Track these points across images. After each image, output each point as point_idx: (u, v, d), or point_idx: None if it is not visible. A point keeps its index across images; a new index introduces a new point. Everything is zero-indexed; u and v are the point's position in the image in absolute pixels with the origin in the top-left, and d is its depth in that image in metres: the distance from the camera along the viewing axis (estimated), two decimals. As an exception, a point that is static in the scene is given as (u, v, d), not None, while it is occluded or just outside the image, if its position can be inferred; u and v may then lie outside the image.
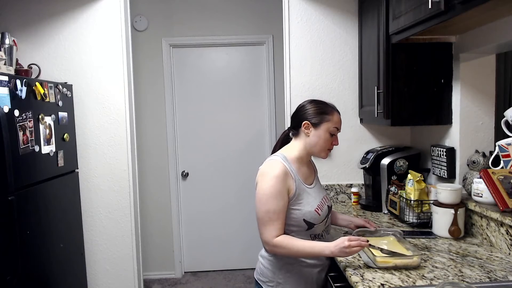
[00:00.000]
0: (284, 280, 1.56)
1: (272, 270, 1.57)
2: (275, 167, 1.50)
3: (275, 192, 1.46)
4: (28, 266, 2.02)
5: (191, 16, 3.49)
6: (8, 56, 2.30)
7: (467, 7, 1.36)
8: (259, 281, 1.62)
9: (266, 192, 1.47)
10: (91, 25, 2.61)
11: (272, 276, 1.57)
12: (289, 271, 1.56)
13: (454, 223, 1.79)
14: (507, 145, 1.72)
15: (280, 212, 1.47)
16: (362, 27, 2.46)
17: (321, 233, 1.60)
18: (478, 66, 1.99)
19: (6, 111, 1.87)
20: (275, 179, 1.47)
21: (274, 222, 1.47)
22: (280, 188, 1.47)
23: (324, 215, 1.59)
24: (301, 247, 1.46)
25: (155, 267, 3.66)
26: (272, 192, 1.46)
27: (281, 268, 1.55)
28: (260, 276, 1.62)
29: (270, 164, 1.54)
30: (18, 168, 1.95)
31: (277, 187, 1.47)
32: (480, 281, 1.36)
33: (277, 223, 1.47)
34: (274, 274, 1.57)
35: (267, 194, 1.47)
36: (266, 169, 1.52)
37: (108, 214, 2.70)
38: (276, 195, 1.46)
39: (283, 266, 1.55)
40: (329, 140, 1.57)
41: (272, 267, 1.57)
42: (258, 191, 1.50)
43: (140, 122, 3.42)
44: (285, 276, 1.56)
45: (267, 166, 1.54)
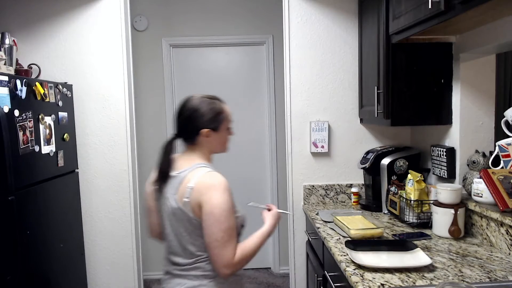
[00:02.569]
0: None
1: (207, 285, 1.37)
2: (220, 179, 1.34)
3: (231, 206, 1.32)
4: (28, 266, 2.02)
5: (191, 16, 3.49)
6: (8, 56, 2.30)
7: (467, 7, 1.36)
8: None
9: (224, 208, 1.29)
10: (91, 25, 2.61)
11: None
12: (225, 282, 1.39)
13: (454, 223, 1.79)
14: (507, 145, 1.72)
15: (235, 227, 1.33)
16: (362, 27, 2.46)
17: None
18: (478, 66, 1.99)
19: (6, 111, 1.87)
20: (227, 191, 1.32)
21: (233, 239, 1.31)
22: (233, 201, 1.34)
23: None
24: (255, 245, 1.36)
25: (155, 267, 3.65)
26: (230, 207, 1.31)
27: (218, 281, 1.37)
28: None
29: (212, 175, 1.35)
30: (18, 168, 1.95)
31: (231, 201, 1.32)
32: (480, 281, 1.37)
33: (235, 239, 1.32)
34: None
35: (226, 210, 1.29)
36: (212, 182, 1.32)
37: (108, 214, 2.70)
38: (232, 210, 1.32)
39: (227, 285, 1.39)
40: (229, 135, 1.50)
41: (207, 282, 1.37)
42: (214, 209, 1.28)
43: (140, 122, 3.41)
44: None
45: (209, 178, 1.34)
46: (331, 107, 2.58)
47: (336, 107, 2.59)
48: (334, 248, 1.74)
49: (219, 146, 1.48)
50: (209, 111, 1.42)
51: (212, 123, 1.42)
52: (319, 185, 2.60)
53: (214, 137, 1.44)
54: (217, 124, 1.43)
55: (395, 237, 1.84)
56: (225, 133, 1.48)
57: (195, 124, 1.41)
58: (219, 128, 1.44)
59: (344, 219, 1.99)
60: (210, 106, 1.43)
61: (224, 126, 1.46)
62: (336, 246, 1.77)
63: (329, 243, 1.82)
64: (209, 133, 1.42)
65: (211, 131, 1.42)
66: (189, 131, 1.43)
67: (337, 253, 1.67)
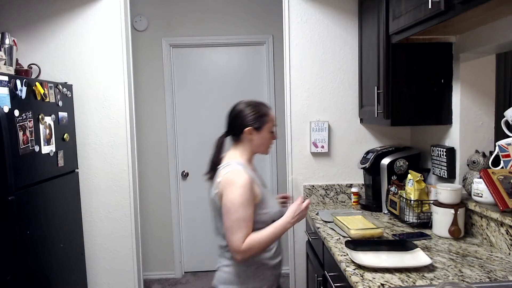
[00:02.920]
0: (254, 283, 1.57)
1: (241, 276, 1.57)
2: (240, 176, 1.50)
3: (244, 200, 1.47)
4: (28, 266, 2.02)
5: (191, 16, 3.49)
6: (8, 56, 2.30)
7: (467, 7, 1.36)
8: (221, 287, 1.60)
9: (235, 202, 1.47)
10: (91, 25, 2.61)
11: (237, 281, 1.57)
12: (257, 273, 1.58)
13: (454, 223, 1.79)
14: (507, 145, 1.72)
15: (248, 220, 1.48)
16: (362, 27, 2.46)
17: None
18: (478, 66, 1.99)
19: (6, 111, 1.87)
20: (243, 188, 1.48)
21: (243, 230, 1.47)
22: (248, 196, 1.48)
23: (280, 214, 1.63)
24: (266, 237, 1.50)
25: (155, 267, 3.66)
26: (242, 202, 1.47)
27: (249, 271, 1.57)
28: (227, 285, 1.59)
29: (234, 172, 1.52)
30: (18, 168, 1.95)
31: (245, 195, 1.48)
32: (480, 281, 1.36)
33: (245, 230, 1.47)
34: (244, 279, 1.57)
35: (237, 204, 1.47)
36: (232, 178, 1.51)
37: (108, 214, 2.70)
38: (245, 204, 1.47)
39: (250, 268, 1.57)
40: (271, 137, 1.66)
41: (240, 272, 1.57)
42: (227, 201, 1.49)
43: (140, 122, 3.41)
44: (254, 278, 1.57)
45: (231, 174, 1.52)
46: (331, 107, 2.58)
47: (336, 107, 2.59)
48: (334, 248, 1.74)
49: (261, 146, 1.64)
50: (254, 112, 1.61)
51: (256, 122, 1.60)
52: (319, 185, 2.60)
53: (256, 136, 1.61)
54: (260, 124, 1.60)
55: (395, 237, 1.84)
56: (267, 135, 1.63)
57: (240, 122, 1.61)
58: (261, 129, 1.61)
59: (344, 219, 1.99)
60: (255, 108, 1.62)
61: (267, 128, 1.62)
62: (336, 246, 1.77)
63: (329, 243, 1.82)
64: (252, 132, 1.60)
65: (254, 130, 1.60)
66: (235, 128, 1.63)
67: (337, 253, 1.67)
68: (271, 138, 1.66)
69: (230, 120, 1.66)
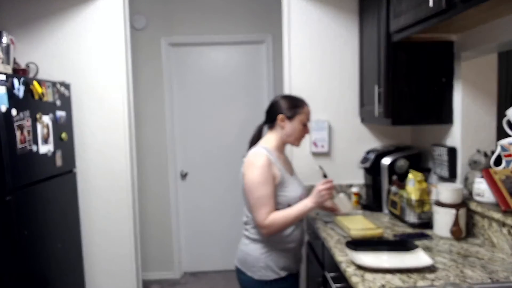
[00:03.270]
0: (265, 263, 1.70)
1: (254, 256, 1.71)
2: (259, 157, 1.66)
3: (263, 179, 1.62)
4: (26, 267, 2.01)
5: (190, 15, 3.48)
6: (6, 55, 2.28)
7: (468, 6, 1.35)
8: (242, 268, 1.76)
9: (255, 181, 1.63)
10: (90, 23, 2.60)
11: (254, 262, 1.71)
12: (270, 255, 1.70)
13: (455, 223, 1.77)
14: (509, 145, 1.71)
15: (269, 197, 1.62)
16: (363, 26, 2.45)
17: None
18: (480, 65, 1.97)
19: (3, 110, 1.86)
20: (261, 168, 1.63)
21: (264, 206, 1.61)
22: (267, 175, 1.63)
23: None
24: (288, 215, 1.64)
25: (154, 267, 3.64)
26: (261, 180, 1.62)
27: (262, 252, 1.70)
28: (243, 264, 1.75)
29: (255, 155, 1.69)
30: (16, 168, 1.94)
31: (264, 175, 1.62)
32: (481, 282, 1.35)
33: (267, 207, 1.61)
34: (256, 259, 1.71)
35: (256, 182, 1.62)
36: (252, 160, 1.68)
37: (107, 214, 2.69)
38: (264, 182, 1.62)
39: (262, 250, 1.70)
40: (302, 130, 1.77)
41: (253, 252, 1.71)
42: (247, 181, 1.65)
43: (139, 122, 3.40)
44: (266, 259, 1.70)
45: (252, 157, 1.69)
46: (331, 106, 2.57)
47: (336, 107, 2.57)
48: (334, 248, 1.73)
49: (291, 136, 1.76)
50: (288, 103, 1.76)
51: (288, 112, 1.74)
52: (319, 185, 2.58)
53: (288, 124, 1.74)
54: (293, 114, 1.74)
55: (395, 238, 1.83)
56: (299, 126, 1.75)
57: (275, 110, 1.77)
58: (293, 118, 1.74)
59: (344, 219, 1.98)
60: (290, 100, 1.78)
61: (299, 119, 1.75)
62: (336, 246, 1.76)
63: (329, 244, 1.81)
64: (284, 119, 1.74)
65: (286, 118, 1.74)
66: (270, 116, 1.79)
67: (337, 254, 1.66)
68: (302, 131, 1.77)
69: (267, 109, 1.82)
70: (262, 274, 1.70)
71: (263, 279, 1.70)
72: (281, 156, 1.79)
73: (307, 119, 1.78)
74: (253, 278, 1.71)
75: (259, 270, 1.70)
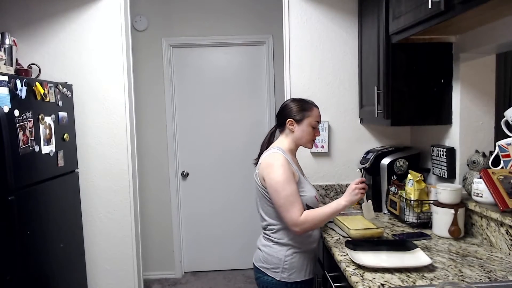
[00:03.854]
0: (290, 265, 1.68)
1: (277, 257, 1.69)
2: (278, 157, 1.66)
3: (287, 178, 1.62)
4: (28, 266, 2.02)
5: (191, 16, 3.49)
6: (8, 56, 2.30)
7: (467, 7, 1.35)
8: (262, 268, 1.73)
9: (279, 180, 1.61)
10: (91, 25, 2.61)
11: (277, 263, 1.69)
12: (294, 257, 1.69)
13: (454, 223, 1.79)
14: (507, 145, 1.72)
15: (296, 194, 1.62)
16: (362, 27, 2.46)
17: None
18: (478, 66, 1.98)
19: (6, 111, 1.87)
20: (282, 167, 1.63)
21: (294, 203, 1.60)
22: (289, 174, 1.63)
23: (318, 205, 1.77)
24: (323, 213, 1.62)
25: (155, 267, 3.66)
26: (285, 179, 1.61)
27: (286, 254, 1.69)
28: (263, 264, 1.73)
29: (273, 155, 1.69)
30: (18, 168, 1.95)
31: (286, 173, 1.62)
32: (480, 281, 1.36)
33: (297, 204, 1.61)
34: (279, 260, 1.69)
35: (282, 181, 1.61)
36: (271, 161, 1.67)
37: (108, 214, 2.70)
38: (288, 180, 1.62)
39: (287, 251, 1.69)
40: (312, 132, 1.77)
41: (277, 253, 1.69)
42: (272, 182, 1.63)
43: (140, 122, 3.41)
44: (290, 261, 1.69)
45: (270, 158, 1.69)
46: (331, 107, 2.58)
47: (336, 107, 2.58)
48: (334, 248, 1.74)
49: (302, 138, 1.77)
50: (297, 106, 1.77)
51: (297, 115, 1.75)
52: (319, 185, 2.59)
53: (297, 128, 1.76)
54: (301, 117, 1.75)
55: (395, 237, 1.84)
56: (308, 128, 1.75)
57: (284, 114, 1.78)
58: (302, 121, 1.75)
59: (344, 219, 1.99)
60: (299, 103, 1.78)
61: (307, 122, 1.75)
62: (336, 246, 1.77)
63: (329, 243, 1.82)
64: (293, 123, 1.76)
65: (295, 121, 1.75)
66: (280, 120, 1.81)
67: (337, 253, 1.67)
68: (312, 133, 1.77)
69: (277, 113, 1.85)
70: (285, 276, 1.69)
71: (285, 280, 1.69)
72: (294, 159, 1.80)
73: (317, 122, 1.78)
74: (274, 279, 1.69)
75: (282, 272, 1.68)
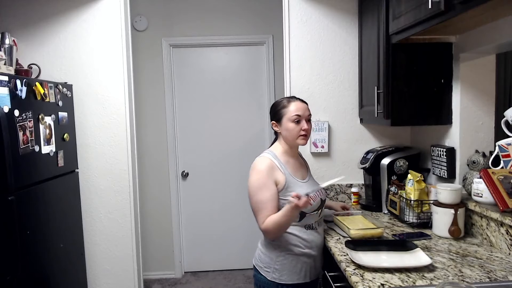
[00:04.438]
0: (281, 266, 1.70)
1: (270, 257, 1.72)
2: (261, 162, 1.69)
3: (261, 184, 1.63)
4: (28, 266, 2.02)
5: (191, 16, 3.49)
6: (8, 56, 2.30)
7: (467, 7, 1.36)
8: (257, 266, 1.77)
9: (254, 185, 1.65)
10: (91, 25, 2.61)
11: (269, 262, 1.72)
12: (286, 258, 1.70)
13: (454, 223, 1.79)
14: (507, 145, 1.72)
15: (267, 201, 1.62)
16: (362, 27, 2.46)
17: (314, 223, 1.76)
18: (478, 66, 1.99)
19: (6, 111, 1.87)
20: (260, 173, 1.65)
21: (263, 210, 1.62)
22: (265, 180, 1.64)
23: (316, 206, 1.74)
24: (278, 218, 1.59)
25: (155, 267, 3.66)
26: (259, 185, 1.64)
27: (278, 255, 1.70)
28: (258, 262, 1.77)
29: (258, 160, 1.73)
30: (18, 168, 1.95)
31: (262, 180, 1.64)
32: (480, 281, 1.37)
33: (265, 211, 1.62)
34: (271, 260, 1.72)
35: (255, 187, 1.65)
36: (254, 165, 1.71)
37: (108, 214, 2.70)
38: (261, 187, 1.63)
39: (280, 253, 1.70)
40: (296, 127, 1.70)
41: (270, 253, 1.72)
42: (248, 185, 1.68)
43: (140, 122, 3.41)
44: (282, 262, 1.70)
45: (255, 161, 1.73)
46: (331, 107, 2.58)
47: (336, 107, 2.58)
48: (334, 248, 1.74)
49: (289, 136, 1.73)
50: (274, 107, 1.78)
51: (275, 116, 1.76)
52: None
53: (281, 128, 1.75)
54: (279, 116, 1.73)
55: (395, 237, 1.84)
56: (290, 124, 1.70)
57: (270, 119, 1.81)
58: (281, 120, 1.73)
59: (344, 219, 1.99)
60: (274, 104, 1.79)
61: (286, 118, 1.71)
62: (336, 246, 1.77)
63: (329, 243, 1.82)
64: (276, 125, 1.76)
65: (275, 123, 1.76)
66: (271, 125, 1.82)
67: (337, 253, 1.67)
68: (296, 128, 1.70)
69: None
70: (276, 276, 1.70)
71: (275, 281, 1.70)
72: (290, 161, 1.77)
73: (297, 115, 1.68)
74: (266, 278, 1.72)
75: (273, 272, 1.70)
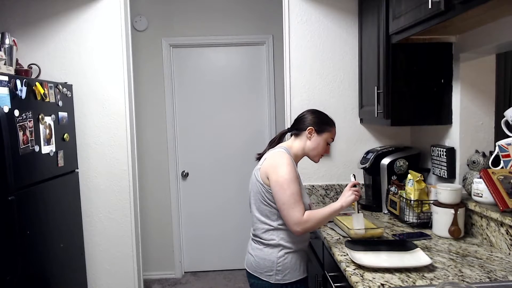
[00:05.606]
0: (283, 266, 1.68)
1: (270, 260, 1.68)
2: (285, 156, 1.66)
3: (293, 176, 1.61)
4: (28, 266, 2.02)
5: (191, 16, 3.49)
6: (8, 56, 2.30)
7: (467, 7, 1.36)
8: (255, 273, 1.72)
9: (286, 177, 1.60)
10: (91, 25, 2.61)
11: (270, 266, 1.68)
12: (286, 258, 1.68)
13: (454, 223, 1.79)
14: (507, 145, 1.72)
15: (300, 194, 1.63)
16: (362, 27, 2.46)
17: None
18: (478, 66, 1.99)
19: (6, 111, 1.87)
20: (289, 166, 1.63)
21: (298, 202, 1.60)
22: (295, 173, 1.64)
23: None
24: (323, 214, 1.62)
25: (155, 267, 3.66)
26: (291, 177, 1.61)
27: (278, 256, 1.68)
28: (256, 269, 1.72)
29: (280, 154, 1.67)
30: (18, 168, 1.95)
31: (294, 173, 1.63)
32: (480, 281, 1.36)
33: (301, 203, 1.61)
34: (272, 263, 1.68)
35: (288, 179, 1.60)
36: (277, 159, 1.66)
37: (108, 214, 2.70)
38: (294, 179, 1.61)
39: (279, 254, 1.68)
40: (325, 147, 1.78)
41: (268, 257, 1.68)
42: (278, 179, 1.61)
43: (140, 122, 3.42)
44: (283, 263, 1.68)
45: (278, 156, 1.67)
46: (331, 107, 2.58)
47: (336, 107, 2.59)
48: (334, 248, 1.74)
49: (314, 151, 1.77)
50: (321, 118, 1.79)
51: (319, 126, 1.76)
52: (319, 185, 2.60)
53: (314, 138, 1.75)
54: (321, 129, 1.76)
55: (395, 237, 1.84)
56: (323, 143, 1.77)
57: (306, 121, 1.78)
58: (321, 134, 1.76)
59: (344, 219, 1.99)
60: (322, 115, 1.80)
61: (326, 137, 1.77)
62: (336, 246, 1.77)
63: (329, 243, 1.82)
64: (312, 132, 1.75)
65: (315, 131, 1.75)
66: (299, 125, 1.79)
67: (337, 253, 1.67)
68: (324, 148, 1.78)
69: (297, 118, 1.83)
70: (279, 278, 1.67)
71: (280, 282, 1.68)
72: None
73: (332, 139, 1.80)
74: (269, 283, 1.68)
75: (276, 274, 1.67)
